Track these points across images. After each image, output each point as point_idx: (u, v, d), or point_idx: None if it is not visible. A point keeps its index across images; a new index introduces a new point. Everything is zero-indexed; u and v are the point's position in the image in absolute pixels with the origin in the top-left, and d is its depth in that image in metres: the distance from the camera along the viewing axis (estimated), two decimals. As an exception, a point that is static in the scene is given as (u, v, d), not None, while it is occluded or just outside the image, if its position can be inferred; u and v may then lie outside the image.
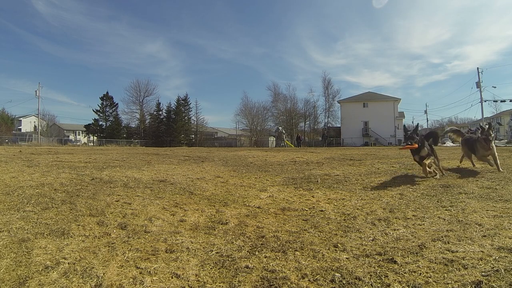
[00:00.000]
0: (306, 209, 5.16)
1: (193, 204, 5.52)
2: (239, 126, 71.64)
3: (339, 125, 62.66)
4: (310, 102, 67.90)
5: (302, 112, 68.34)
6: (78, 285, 2.70)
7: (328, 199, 5.90)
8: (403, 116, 64.12)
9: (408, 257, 3.12)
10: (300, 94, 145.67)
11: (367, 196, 6.00)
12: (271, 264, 3.07)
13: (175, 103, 64.83)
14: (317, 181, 7.85)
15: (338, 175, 8.70)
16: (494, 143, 8.14)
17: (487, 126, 8.05)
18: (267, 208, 5.22)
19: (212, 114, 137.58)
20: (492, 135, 7.90)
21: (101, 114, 62.31)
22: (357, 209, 5.06)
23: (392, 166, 10.14)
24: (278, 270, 2.93)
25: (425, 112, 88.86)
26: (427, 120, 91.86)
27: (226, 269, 3.00)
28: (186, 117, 65.24)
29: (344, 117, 60.53)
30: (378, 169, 9.71)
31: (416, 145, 7.40)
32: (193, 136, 65.78)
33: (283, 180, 8.24)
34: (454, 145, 47.39)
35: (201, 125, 67.79)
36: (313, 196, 6.14)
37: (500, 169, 7.98)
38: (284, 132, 56.83)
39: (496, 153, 8.09)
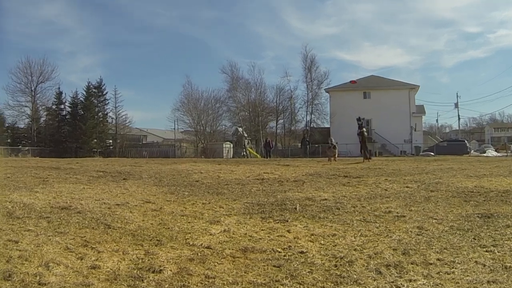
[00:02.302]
0: (279, 250, 5.15)
1: (110, 243, 5.44)
2: (179, 127, 71.17)
3: (327, 125, 63.00)
4: (284, 91, 67.91)
5: (273, 105, 68.65)
6: None
7: (312, 235, 5.91)
8: (422, 112, 64.22)
9: (430, 320, 3.12)
10: (270, 79, 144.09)
11: (370, 230, 6.06)
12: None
13: (84, 93, 63.10)
14: (295, 208, 7.88)
15: (326, 199, 8.77)
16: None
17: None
18: (220, 249, 5.19)
19: (139, 109, 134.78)
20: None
21: (-29, 109, 60.45)
22: (355, 250, 5.08)
23: (407, 186, 10.34)
24: None
25: (456, 106, 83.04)
26: (459, 118, 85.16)
27: None
28: (100, 114, 63.91)
29: (335, 113, 59.61)
30: (385, 190, 9.90)
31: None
32: (110, 141, 64.75)
33: (244, 207, 8.26)
34: (498, 154, 48.89)
35: (123, 125, 66.58)
36: (289, 231, 6.14)
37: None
38: (246, 135, 56.86)
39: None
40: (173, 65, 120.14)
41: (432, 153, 48.20)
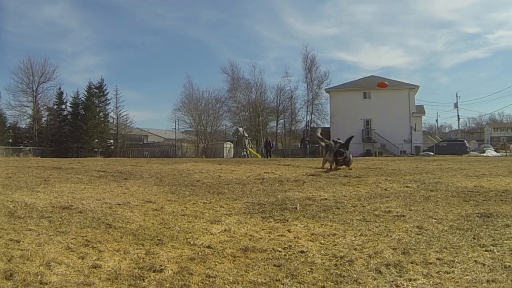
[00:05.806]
0: (279, 249, 5.15)
1: (112, 242, 5.42)
2: (180, 127, 70.96)
3: (328, 125, 62.78)
4: (285, 91, 67.77)
5: (274, 106, 68.43)
6: None
7: (312, 234, 5.91)
8: (422, 112, 64.31)
9: (429, 319, 3.11)
10: (271, 80, 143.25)
11: (370, 230, 6.06)
12: (228, 332, 3.00)
13: (86, 93, 63.00)
14: (296, 208, 7.88)
15: (326, 199, 8.77)
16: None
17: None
18: (221, 248, 5.18)
19: (140, 109, 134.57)
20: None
21: (-27, 109, 60.26)
22: (355, 249, 5.08)
23: (407, 186, 10.34)
24: None
25: (456, 106, 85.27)
26: (458, 118, 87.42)
27: None
28: (101, 114, 63.76)
29: (335, 113, 59.74)
30: (385, 190, 9.90)
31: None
32: (112, 141, 64.52)
33: (245, 206, 8.25)
34: (497, 154, 48.79)
35: (124, 124, 66.40)
36: (289, 231, 6.14)
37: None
38: (246, 135, 56.73)
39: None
40: (174, 65, 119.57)
41: (432, 153, 47.95)
